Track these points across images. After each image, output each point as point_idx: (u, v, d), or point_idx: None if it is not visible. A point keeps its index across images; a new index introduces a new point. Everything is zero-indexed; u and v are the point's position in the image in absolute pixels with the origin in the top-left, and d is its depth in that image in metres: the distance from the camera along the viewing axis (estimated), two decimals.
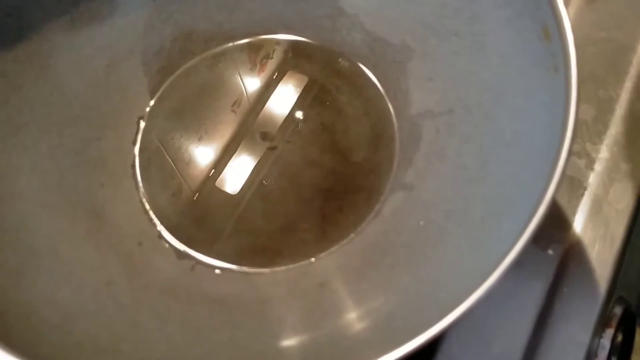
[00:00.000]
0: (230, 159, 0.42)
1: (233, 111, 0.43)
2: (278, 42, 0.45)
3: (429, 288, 0.32)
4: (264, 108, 0.43)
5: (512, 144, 0.34)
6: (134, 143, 0.43)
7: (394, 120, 0.42)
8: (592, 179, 0.41)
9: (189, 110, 0.43)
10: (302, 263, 0.38)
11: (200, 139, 0.43)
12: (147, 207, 0.41)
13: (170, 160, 0.42)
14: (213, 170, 0.42)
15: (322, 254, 0.38)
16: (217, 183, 0.41)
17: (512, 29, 0.34)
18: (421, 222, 0.36)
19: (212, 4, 0.44)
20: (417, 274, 0.33)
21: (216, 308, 0.35)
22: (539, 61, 0.32)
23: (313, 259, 0.38)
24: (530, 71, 0.33)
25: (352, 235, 0.39)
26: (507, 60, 0.35)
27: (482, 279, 0.27)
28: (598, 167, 0.41)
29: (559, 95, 0.30)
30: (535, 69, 0.33)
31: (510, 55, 0.35)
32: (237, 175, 0.41)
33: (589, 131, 0.42)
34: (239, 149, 0.42)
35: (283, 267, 0.38)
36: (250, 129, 0.43)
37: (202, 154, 0.42)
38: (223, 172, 0.41)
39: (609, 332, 0.38)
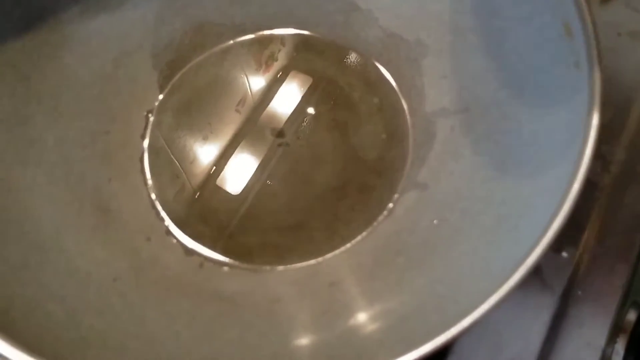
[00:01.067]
0: (239, 155, 0.41)
1: (241, 107, 0.42)
2: (289, 37, 0.44)
3: (444, 289, 0.31)
4: (275, 104, 0.42)
5: (530, 144, 0.33)
6: (143, 137, 0.42)
7: (408, 117, 0.41)
8: (608, 181, 0.40)
9: (200, 104, 0.43)
10: (312, 262, 0.38)
11: (208, 134, 0.42)
12: (155, 202, 0.40)
13: (178, 156, 0.41)
14: (221, 167, 0.41)
15: (333, 253, 0.38)
16: (226, 180, 0.41)
17: (531, 26, 0.34)
18: (435, 222, 0.36)
19: None
20: (432, 275, 0.32)
21: (225, 306, 0.34)
22: (560, 58, 0.32)
23: (323, 258, 0.38)
24: (549, 69, 0.33)
25: (364, 234, 0.38)
26: (525, 57, 0.35)
27: (500, 282, 0.27)
28: (614, 169, 0.40)
29: (580, 93, 0.30)
30: (556, 67, 0.32)
31: (528, 53, 0.34)
32: (246, 171, 0.41)
33: (605, 132, 0.41)
34: (248, 145, 0.41)
35: (293, 266, 0.37)
36: (261, 125, 0.42)
37: (210, 150, 0.41)
38: (232, 169, 0.41)
39: (624, 338, 0.37)
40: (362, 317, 0.32)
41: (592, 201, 0.40)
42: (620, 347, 0.36)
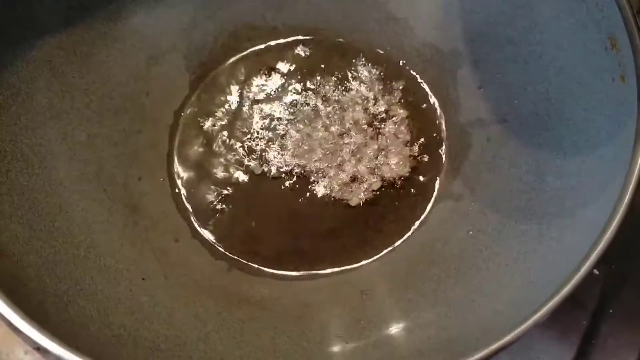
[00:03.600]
0: (270, 158, 0.41)
1: (273, 110, 0.42)
2: (322, 43, 0.44)
3: (484, 301, 0.30)
4: (310, 111, 0.42)
5: (571, 155, 0.32)
6: (172, 137, 0.42)
7: (443, 127, 0.41)
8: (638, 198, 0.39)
9: (231, 106, 0.43)
10: (343, 269, 0.37)
11: (239, 136, 0.41)
12: (185, 203, 0.39)
13: (207, 157, 0.41)
14: (253, 170, 0.40)
15: (365, 262, 0.37)
16: (257, 184, 0.40)
17: (574, 39, 0.34)
18: (470, 233, 0.35)
19: (258, 2, 0.43)
20: (469, 286, 0.32)
21: (255, 310, 0.34)
22: (603, 72, 0.31)
23: (355, 266, 0.37)
24: (592, 82, 0.32)
25: (397, 243, 0.37)
26: (566, 70, 0.34)
27: (546, 293, 0.26)
28: None
29: (626, 105, 0.29)
30: (599, 80, 0.32)
31: (570, 66, 0.34)
32: (277, 176, 0.40)
33: None
34: (279, 149, 0.41)
35: (324, 272, 0.37)
36: (291, 130, 0.41)
37: (241, 153, 0.41)
38: (263, 172, 0.40)
39: None
40: (397, 326, 0.31)
41: (624, 219, 0.39)
42: None
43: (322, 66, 0.43)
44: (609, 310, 0.38)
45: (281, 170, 0.40)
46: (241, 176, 0.40)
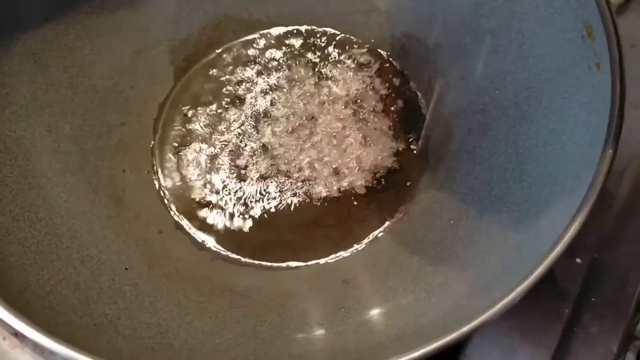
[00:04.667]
0: (254, 147, 0.41)
1: (254, 101, 0.42)
2: (306, 34, 0.44)
3: (461, 287, 0.31)
4: (292, 102, 0.42)
5: (550, 144, 0.33)
6: (156, 130, 0.42)
7: (425, 118, 0.41)
8: (622, 188, 0.40)
9: (214, 98, 0.43)
10: (326, 259, 0.37)
11: (222, 128, 0.42)
12: (168, 195, 0.40)
13: (191, 150, 0.41)
14: (234, 161, 0.41)
15: (348, 251, 0.37)
16: (240, 174, 0.40)
17: (552, 28, 0.34)
18: (451, 222, 0.36)
19: None
20: (448, 273, 0.32)
21: (237, 299, 0.34)
22: (580, 60, 0.32)
23: (337, 255, 0.37)
24: (570, 70, 0.33)
25: (379, 232, 0.38)
26: (545, 59, 0.35)
27: (520, 279, 0.26)
28: (628, 177, 0.40)
29: (602, 94, 0.30)
30: (576, 68, 0.32)
31: (549, 55, 0.34)
32: (261, 168, 0.40)
33: None
34: (261, 140, 0.41)
35: (306, 263, 0.37)
36: (274, 122, 0.42)
37: (224, 144, 0.41)
38: (245, 162, 0.41)
39: (636, 345, 0.36)
40: (377, 313, 0.32)
41: (605, 208, 0.39)
42: (632, 356, 0.36)
43: (306, 58, 0.43)
44: (591, 299, 0.38)
45: (264, 162, 0.40)
46: (225, 169, 0.41)
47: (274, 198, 0.39)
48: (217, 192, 0.40)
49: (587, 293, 0.38)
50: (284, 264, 0.37)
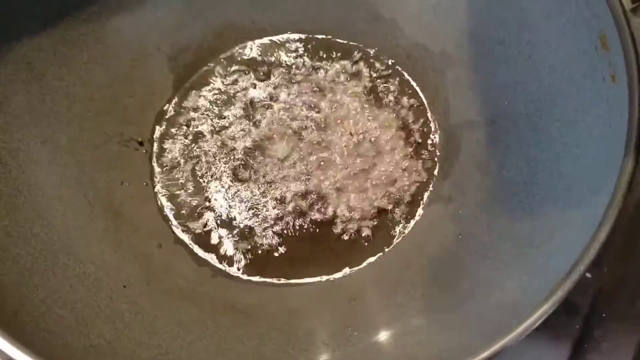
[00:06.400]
0: (256, 162, 0.40)
1: (257, 111, 0.41)
2: (310, 43, 0.43)
3: (471, 305, 0.30)
4: (295, 109, 0.41)
5: (562, 157, 0.32)
6: (155, 141, 0.41)
7: (432, 129, 0.40)
8: (632, 201, 0.39)
9: (214, 106, 0.42)
10: (332, 275, 0.36)
11: (224, 138, 0.41)
12: (167, 209, 0.39)
13: (192, 161, 0.40)
14: (236, 174, 0.40)
15: (354, 268, 0.36)
16: (242, 186, 0.39)
17: (564, 39, 0.33)
18: (460, 236, 0.35)
19: (245, 2, 0.43)
20: (458, 290, 0.31)
21: (240, 317, 0.33)
22: (594, 71, 0.31)
23: (343, 272, 0.36)
24: (582, 81, 0.32)
25: (386, 248, 0.37)
26: (557, 70, 0.34)
27: (537, 298, 0.25)
28: (636, 190, 0.39)
29: (617, 105, 0.29)
30: (589, 79, 0.31)
31: (560, 66, 0.33)
32: (263, 182, 0.39)
33: None
34: (263, 152, 0.40)
35: (311, 279, 0.36)
36: (277, 132, 0.41)
37: (226, 155, 0.40)
38: (248, 177, 0.39)
39: None
40: (386, 332, 0.31)
41: (616, 222, 0.39)
42: None
43: (310, 67, 0.42)
44: (602, 314, 0.37)
45: (267, 176, 0.39)
46: (226, 181, 0.40)
47: (277, 212, 0.38)
48: (218, 205, 0.39)
49: (598, 308, 0.37)
50: (287, 281, 0.36)
